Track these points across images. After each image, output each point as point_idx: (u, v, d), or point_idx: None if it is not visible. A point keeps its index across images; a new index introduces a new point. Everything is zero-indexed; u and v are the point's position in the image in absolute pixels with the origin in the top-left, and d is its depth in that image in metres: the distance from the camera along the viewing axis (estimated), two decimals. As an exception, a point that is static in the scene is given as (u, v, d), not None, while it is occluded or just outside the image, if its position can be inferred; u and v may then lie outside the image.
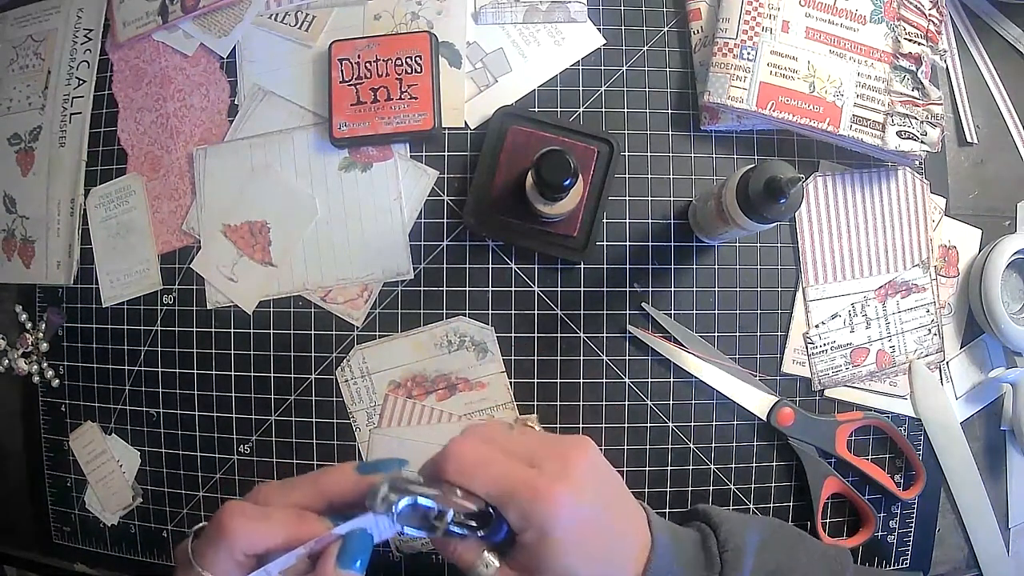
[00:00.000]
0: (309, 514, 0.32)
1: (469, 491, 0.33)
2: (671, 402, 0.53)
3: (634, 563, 0.35)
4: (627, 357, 0.53)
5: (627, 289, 0.53)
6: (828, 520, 0.53)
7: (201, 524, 0.32)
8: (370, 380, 0.54)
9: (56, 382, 0.57)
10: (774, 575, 0.38)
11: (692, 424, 0.53)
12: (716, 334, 0.53)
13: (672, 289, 0.53)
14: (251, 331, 0.55)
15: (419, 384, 0.53)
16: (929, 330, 0.55)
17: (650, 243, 0.54)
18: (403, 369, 0.53)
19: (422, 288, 0.54)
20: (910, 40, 0.52)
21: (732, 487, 0.53)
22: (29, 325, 0.58)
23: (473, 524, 0.34)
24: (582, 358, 0.53)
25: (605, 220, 0.53)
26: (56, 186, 0.58)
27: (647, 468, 0.53)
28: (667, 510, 0.53)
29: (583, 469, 0.34)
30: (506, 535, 0.34)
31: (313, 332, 0.54)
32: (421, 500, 0.32)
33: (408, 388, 0.53)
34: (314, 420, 0.54)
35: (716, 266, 0.54)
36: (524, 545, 0.33)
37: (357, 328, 0.54)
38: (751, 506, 0.53)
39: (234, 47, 0.56)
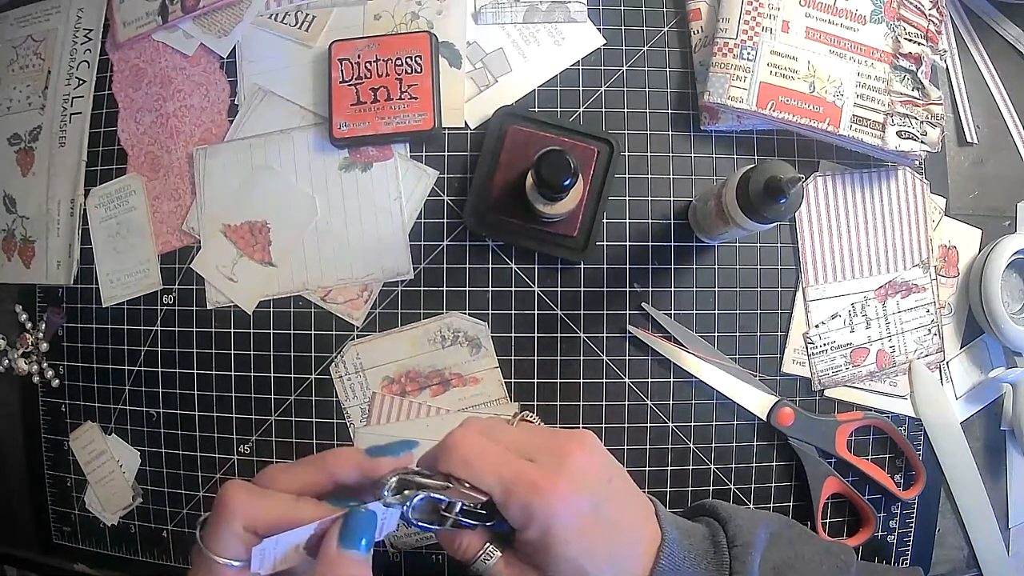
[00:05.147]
0: (307, 497, 0.32)
1: (473, 484, 0.33)
2: (671, 402, 0.53)
3: (643, 557, 0.35)
4: (627, 357, 0.53)
5: (627, 289, 0.53)
6: (828, 520, 0.53)
7: (208, 514, 0.32)
8: (364, 376, 0.54)
9: (56, 382, 0.57)
10: (779, 570, 0.38)
11: (692, 424, 0.53)
12: (716, 334, 0.53)
13: (672, 289, 0.53)
14: (251, 331, 0.55)
15: (413, 380, 0.53)
16: (929, 330, 0.54)
17: (650, 243, 0.54)
18: (397, 365, 0.53)
19: (422, 288, 0.54)
20: (910, 40, 0.52)
21: (732, 487, 0.53)
22: (29, 325, 0.58)
23: (483, 513, 0.34)
24: (582, 358, 0.53)
25: (605, 220, 0.53)
26: (56, 186, 0.58)
27: (647, 468, 0.53)
28: (668, 510, 0.53)
29: (581, 462, 0.34)
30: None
31: (313, 332, 0.54)
32: (433, 493, 0.32)
33: (402, 384, 0.53)
34: (314, 420, 0.54)
35: (716, 266, 0.54)
36: (527, 540, 0.33)
37: (357, 328, 0.54)
38: (751, 506, 0.53)
39: (234, 47, 0.56)
